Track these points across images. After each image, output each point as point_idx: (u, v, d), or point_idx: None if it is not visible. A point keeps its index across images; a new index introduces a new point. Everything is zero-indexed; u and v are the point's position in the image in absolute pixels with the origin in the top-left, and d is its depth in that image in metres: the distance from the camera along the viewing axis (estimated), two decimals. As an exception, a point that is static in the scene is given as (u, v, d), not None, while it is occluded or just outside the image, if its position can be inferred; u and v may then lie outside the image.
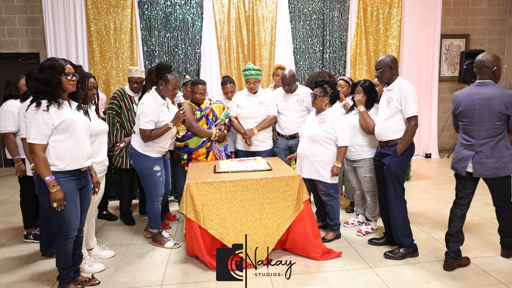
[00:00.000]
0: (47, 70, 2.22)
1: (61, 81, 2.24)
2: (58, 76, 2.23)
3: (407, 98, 2.79)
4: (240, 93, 3.83)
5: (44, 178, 2.21)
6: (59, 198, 2.23)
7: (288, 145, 3.81)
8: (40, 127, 2.18)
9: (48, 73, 2.21)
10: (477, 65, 2.66)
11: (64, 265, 2.43)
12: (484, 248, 3.11)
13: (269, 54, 6.31)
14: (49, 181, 2.21)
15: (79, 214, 2.41)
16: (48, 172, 2.22)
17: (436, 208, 4.14)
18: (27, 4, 6.19)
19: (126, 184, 3.77)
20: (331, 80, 3.25)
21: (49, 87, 2.21)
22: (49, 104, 2.20)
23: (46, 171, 2.21)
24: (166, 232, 3.41)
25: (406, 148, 2.86)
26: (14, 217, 4.09)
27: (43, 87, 2.21)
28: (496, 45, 7.39)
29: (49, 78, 2.21)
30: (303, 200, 2.96)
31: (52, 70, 2.22)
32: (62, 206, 2.25)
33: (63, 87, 2.26)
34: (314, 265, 2.86)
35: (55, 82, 2.21)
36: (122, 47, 6.03)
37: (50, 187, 2.21)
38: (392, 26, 6.54)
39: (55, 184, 2.22)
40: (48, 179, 2.21)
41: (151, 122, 2.98)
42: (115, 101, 3.59)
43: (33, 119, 2.17)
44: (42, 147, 2.21)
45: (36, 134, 2.18)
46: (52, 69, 2.22)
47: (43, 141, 2.21)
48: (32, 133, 2.18)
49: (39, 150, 2.19)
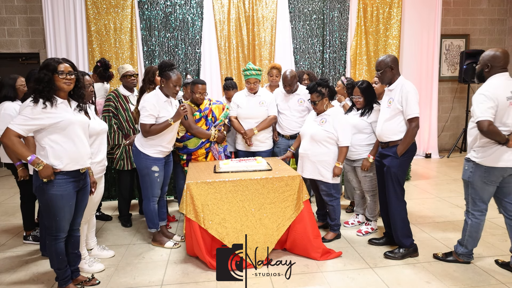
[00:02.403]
0: (42, 70, 2.23)
1: (54, 80, 2.23)
2: (50, 74, 2.22)
3: (408, 99, 2.77)
4: (240, 93, 3.83)
5: (26, 158, 2.19)
6: (49, 174, 2.21)
7: (288, 145, 3.81)
8: (26, 120, 2.17)
9: (42, 72, 2.22)
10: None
11: (59, 265, 2.42)
12: (484, 248, 3.11)
13: (269, 54, 6.31)
14: (33, 159, 2.19)
15: (71, 217, 2.40)
16: (28, 152, 2.20)
17: (436, 208, 4.14)
18: (27, 4, 6.19)
19: (125, 184, 3.76)
20: (320, 80, 3.18)
21: (41, 85, 2.21)
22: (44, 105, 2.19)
23: (26, 152, 2.20)
24: (178, 236, 3.39)
25: (407, 149, 2.85)
26: (14, 217, 4.09)
27: (38, 86, 2.21)
28: (496, 45, 7.38)
29: (41, 77, 2.21)
30: (303, 200, 2.96)
31: (46, 69, 2.23)
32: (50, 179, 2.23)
33: (57, 85, 2.24)
34: (314, 265, 2.86)
35: (46, 81, 2.20)
36: (122, 47, 6.03)
37: (35, 165, 2.19)
38: (392, 26, 6.54)
39: (39, 161, 2.20)
40: (30, 159, 2.19)
41: (151, 117, 2.98)
42: (110, 102, 3.57)
43: (24, 111, 2.17)
44: (16, 134, 2.18)
45: (19, 123, 2.16)
46: (45, 68, 2.23)
47: (22, 132, 2.19)
48: (16, 121, 2.17)
49: (12, 135, 2.17)
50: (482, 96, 2.46)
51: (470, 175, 2.63)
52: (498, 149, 2.50)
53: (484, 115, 2.42)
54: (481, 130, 2.45)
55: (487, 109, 2.43)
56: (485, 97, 2.45)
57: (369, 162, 3.20)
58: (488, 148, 2.53)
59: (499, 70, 2.53)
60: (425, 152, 6.99)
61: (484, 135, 2.47)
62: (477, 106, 2.46)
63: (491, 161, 2.53)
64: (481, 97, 2.46)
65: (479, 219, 2.69)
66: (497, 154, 2.51)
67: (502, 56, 2.51)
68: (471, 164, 2.63)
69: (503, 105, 2.46)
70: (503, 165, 2.52)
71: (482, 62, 2.58)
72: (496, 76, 2.53)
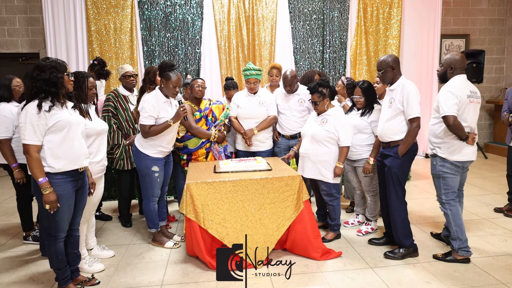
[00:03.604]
0: (50, 70, 2.20)
1: (64, 81, 2.25)
2: (62, 75, 2.23)
3: (409, 99, 2.78)
4: (240, 93, 3.83)
5: (37, 179, 2.18)
6: (52, 200, 2.21)
7: (289, 145, 3.81)
8: (35, 127, 2.16)
9: (51, 72, 2.20)
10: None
11: (58, 265, 2.42)
12: (484, 248, 3.11)
13: (269, 54, 6.31)
14: (42, 182, 2.19)
15: (71, 216, 2.40)
16: (42, 174, 2.19)
17: (436, 208, 4.13)
18: (27, 4, 6.19)
19: (125, 184, 3.76)
20: (320, 80, 3.18)
21: (54, 87, 2.21)
22: (52, 105, 2.20)
23: (39, 172, 2.19)
24: (178, 236, 3.40)
25: (408, 150, 2.85)
26: (14, 217, 4.09)
27: (48, 87, 2.20)
28: (496, 45, 7.40)
29: (53, 78, 2.20)
30: (303, 200, 2.96)
31: (55, 70, 2.21)
32: (54, 208, 2.23)
33: (66, 86, 2.27)
34: (314, 265, 2.86)
35: (60, 82, 2.22)
36: (122, 47, 6.02)
37: (42, 189, 2.18)
38: (392, 26, 6.53)
39: (47, 186, 2.19)
40: (41, 181, 2.18)
41: (151, 118, 2.98)
42: (110, 102, 3.56)
43: (29, 119, 2.15)
44: (37, 148, 2.19)
45: (31, 135, 2.16)
46: (55, 69, 2.21)
47: (38, 142, 2.19)
48: (27, 133, 2.15)
49: (33, 151, 2.18)
50: (448, 93, 2.71)
51: (440, 169, 2.85)
52: (460, 145, 2.77)
53: (450, 110, 2.67)
54: (448, 124, 2.70)
55: (452, 105, 2.68)
56: (451, 94, 2.70)
57: (370, 165, 3.19)
58: (451, 144, 2.78)
59: (459, 71, 2.83)
60: (425, 152, 6.98)
61: (450, 129, 2.72)
62: (444, 102, 2.70)
63: (456, 155, 2.79)
64: (448, 94, 2.71)
65: (455, 206, 2.90)
66: (460, 149, 2.78)
67: (462, 60, 2.83)
68: (438, 159, 2.85)
69: (464, 103, 2.72)
70: (466, 158, 2.81)
71: (446, 65, 2.86)
72: (458, 77, 2.82)
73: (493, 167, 6.05)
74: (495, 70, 7.49)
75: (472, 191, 4.72)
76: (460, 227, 2.86)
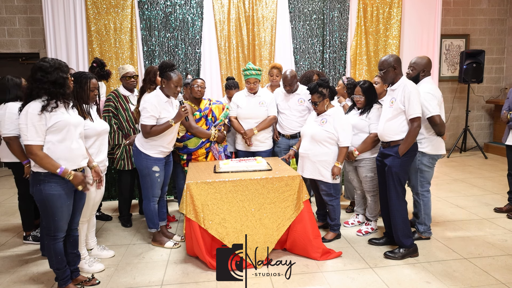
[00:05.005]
0: (55, 71, 2.21)
1: (68, 82, 2.28)
2: (67, 76, 2.25)
3: (410, 99, 2.77)
4: (240, 93, 3.83)
5: (56, 171, 2.21)
6: (80, 181, 2.27)
7: (289, 145, 3.81)
8: (37, 128, 2.17)
9: (57, 73, 2.21)
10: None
11: (58, 265, 2.42)
12: (484, 248, 3.11)
13: (269, 54, 6.30)
14: (62, 171, 2.22)
15: (69, 216, 2.41)
16: (56, 165, 2.22)
17: (436, 208, 4.14)
18: (27, 4, 6.19)
19: (125, 184, 3.76)
20: (320, 80, 3.18)
21: (62, 88, 2.22)
22: (56, 106, 2.21)
23: (53, 165, 2.21)
24: (178, 236, 3.40)
25: (409, 149, 2.85)
26: (14, 217, 4.09)
27: (56, 88, 2.21)
28: (496, 45, 7.40)
29: (60, 79, 2.21)
30: (303, 200, 2.96)
31: (60, 71, 2.22)
32: (85, 185, 2.32)
33: (70, 87, 2.31)
34: (314, 265, 2.86)
35: (67, 83, 2.24)
36: (122, 47, 6.02)
37: (66, 176, 2.23)
38: (392, 26, 6.53)
39: (68, 171, 2.24)
40: (60, 171, 2.21)
41: (152, 118, 2.98)
42: (110, 103, 3.57)
43: (30, 120, 2.15)
44: (40, 147, 2.21)
45: (34, 136, 2.17)
46: (60, 70, 2.22)
47: (41, 142, 2.21)
48: (29, 134, 2.16)
49: (38, 150, 2.19)
50: (430, 94, 2.91)
51: (419, 163, 3.10)
52: (437, 140, 3.07)
53: (436, 110, 2.89)
54: (435, 123, 2.91)
55: (435, 105, 2.90)
56: (432, 95, 2.91)
57: (354, 156, 3.26)
58: (432, 139, 3.05)
59: (428, 73, 3.08)
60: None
61: (436, 128, 2.94)
62: (428, 103, 2.89)
63: (435, 149, 3.07)
64: (429, 95, 2.91)
65: (427, 197, 3.21)
66: (438, 144, 3.08)
67: (430, 63, 3.09)
68: (419, 154, 3.06)
69: (440, 102, 2.99)
70: (442, 152, 3.13)
71: (418, 68, 3.06)
72: (428, 78, 3.07)
73: (493, 167, 6.05)
74: (495, 70, 7.49)
75: (472, 191, 4.72)
76: (428, 215, 3.23)
